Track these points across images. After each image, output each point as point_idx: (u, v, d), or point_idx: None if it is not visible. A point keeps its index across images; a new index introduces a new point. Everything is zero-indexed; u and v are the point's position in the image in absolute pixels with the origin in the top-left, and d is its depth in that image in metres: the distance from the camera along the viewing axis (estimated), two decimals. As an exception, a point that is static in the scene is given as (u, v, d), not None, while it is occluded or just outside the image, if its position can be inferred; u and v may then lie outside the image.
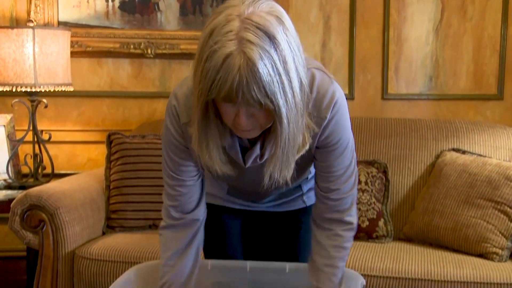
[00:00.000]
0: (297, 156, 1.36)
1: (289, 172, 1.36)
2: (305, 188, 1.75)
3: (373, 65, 3.33)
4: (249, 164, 1.47)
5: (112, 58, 3.39)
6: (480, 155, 2.87)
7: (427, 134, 3.03)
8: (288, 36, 1.22)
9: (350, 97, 3.33)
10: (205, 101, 1.25)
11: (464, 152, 2.91)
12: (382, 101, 3.34)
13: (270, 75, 1.19)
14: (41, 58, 2.95)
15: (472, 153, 2.90)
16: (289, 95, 1.23)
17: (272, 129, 1.31)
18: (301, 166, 1.50)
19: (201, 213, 1.60)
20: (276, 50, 1.19)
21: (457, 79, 3.30)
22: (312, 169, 1.67)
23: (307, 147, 1.38)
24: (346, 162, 1.50)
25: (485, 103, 3.31)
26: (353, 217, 1.56)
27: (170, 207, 1.58)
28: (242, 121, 1.26)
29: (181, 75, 3.33)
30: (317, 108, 1.41)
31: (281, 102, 1.22)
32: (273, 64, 1.19)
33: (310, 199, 1.75)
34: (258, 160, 1.45)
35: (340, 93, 1.44)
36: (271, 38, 1.19)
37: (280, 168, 1.34)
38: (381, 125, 3.10)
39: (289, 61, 1.21)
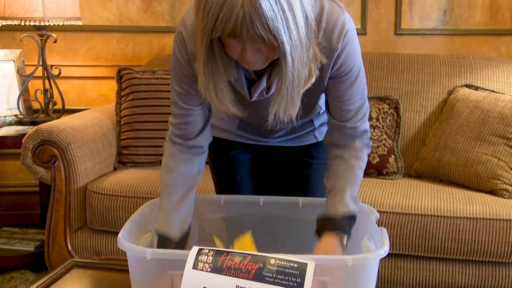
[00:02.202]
0: (303, 90, 1.35)
1: (294, 111, 1.35)
2: (317, 123, 1.74)
3: (387, -1, 3.27)
4: (255, 97, 1.46)
5: (121, -8, 3.34)
6: (493, 91, 2.84)
7: (440, 70, 3.00)
8: None
9: (362, 32, 3.27)
10: (209, 39, 1.24)
11: (477, 88, 2.88)
12: (395, 36, 3.29)
13: (273, 10, 1.16)
14: (49, -9, 2.91)
15: (485, 89, 2.87)
16: (294, 31, 1.21)
17: (277, 63, 1.30)
18: (311, 100, 1.50)
19: (205, 140, 1.59)
20: None
21: (472, 12, 3.23)
22: (322, 104, 1.66)
23: (313, 80, 1.37)
24: (359, 90, 1.50)
25: (499, 38, 3.25)
26: (367, 140, 1.57)
27: (175, 135, 1.57)
28: (248, 56, 1.25)
29: (191, 9, 3.28)
30: (328, 39, 1.39)
31: (285, 38, 1.20)
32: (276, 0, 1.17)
33: (322, 134, 1.74)
34: (264, 93, 1.45)
35: (350, 22, 1.42)
36: None
37: (285, 106, 1.33)
38: (394, 60, 3.07)
39: None
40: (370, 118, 2.78)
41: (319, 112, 1.71)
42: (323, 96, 1.60)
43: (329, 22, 1.38)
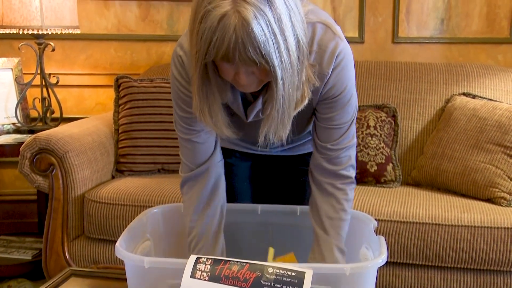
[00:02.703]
0: (294, 112, 1.36)
1: (284, 133, 1.36)
2: None
3: (384, 7, 3.27)
4: (251, 118, 1.48)
5: (119, 0, 3.34)
6: (491, 100, 2.85)
7: (437, 78, 3.00)
8: None
9: (360, 40, 3.28)
10: (203, 63, 1.25)
11: (474, 96, 2.89)
12: (392, 44, 3.30)
13: (264, 34, 1.17)
14: (48, 0, 2.91)
15: (482, 98, 2.87)
16: (285, 55, 1.22)
17: (270, 87, 1.30)
18: (301, 122, 1.51)
19: (218, 159, 1.61)
20: (270, 8, 1.18)
21: (469, 21, 3.24)
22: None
23: (305, 102, 1.38)
24: (347, 116, 1.50)
25: (496, 46, 3.26)
26: (350, 172, 1.57)
27: (186, 163, 1.59)
28: (242, 79, 1.27)
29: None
30: (319, 63, 1.40)
31: (276, 62, 1.21)
32: (268, 24, 1.18)
33: None
34: (260, 114, 1.46)
35: (343, 47, 1.42)
36: None
37: (275, 128, 1.34)
38: (391, 68, 3.07)
39: (284, 19, 1.20)
40: (368, 126, 2.79)
41: None
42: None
43: (321, 46, 1.39)
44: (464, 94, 2.92)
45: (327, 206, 1.55)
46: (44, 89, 3.13)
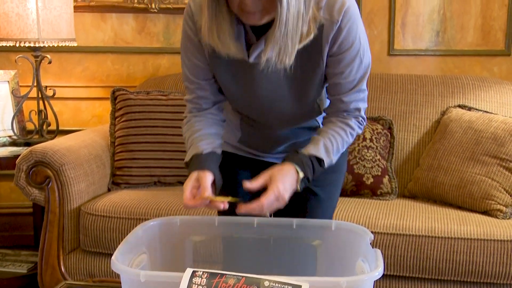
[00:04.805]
0: (299, 44, 1.43)
1: (289, 60, 1.44)
2: None
3: (380, 19, 3.29)
4: (253, 58, 1.52)
5: (115, 13, 3.35)
6: (486, 112, 2.86)
7: (433, 90, 3.01)
8: None
9: (356, 52, 3.29)
10: None
11: (470, 108, 2.89)
12: (388, 56, 3.31)
13: None
14: (45, 13, 2.92)
15: (478, 110, 2.88)
16: None
17: (273, 11, 1.39)
18: (308, 86, 1.58)
19: (220, 112, 1.72)
20: None
21: (465, 33, 3.25)
22: (320, 119, 1.72)
23: (311, 37, 1.45)
24: (358, 69, 1.57)
25: (492, 59, 3.27)
26: (361, 120, 1.65)
27: (190, 111, 1.70)
28: (248, 5, 1.37)
29: (185, 31, 3.30)
30: (329, 11, 1.47)
31: None
32: None
33: None
34: (262, 55, 1.49)
35: (351, 3, 1.50)
36: None
37: (278, 51, 1.42)
38: (387, 81, 3.08)
39: None
40: (364, 139, 2.79)
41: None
42: (323, 97, 1.67)
43: (329, 1, 1.47)
44: (459, 106, 2.92)
45: (329, 126, 1.63)
46: (41, 102, 3.13)
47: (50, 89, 3.17)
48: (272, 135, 1.73)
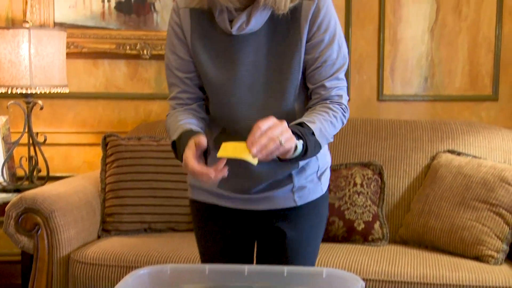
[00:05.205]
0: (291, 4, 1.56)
1: (284, 6, 1.54)
2: (296, 181, 1.74)
3: (369, 65, 3.33)
4: (235, 29, 1.59)
5: (108, 59, 3.39)
6: (475, 157, 2.87)
7: (422, 136, 3.03)
8: None
9: (345, 98, 3.32)
10: None
11: (459, 153, 2.91)
12: (377, 102, 3.34)
13: None
14: (37, 59, 2.94)
15: (467, 155, 2.90)
16: None
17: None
18: (286, 71, 1.62)
19: (201, 109, 1.75)
20: None
21: (452, 78, 3.30)
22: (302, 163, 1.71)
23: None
24: (336, 54, 1.63)
25: (480, 104, 3.31)
26: (344, 108, 1.66)
27: (173, 107, 1.74)
28: None
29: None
30: None
31: None
32: None
33: (301, 198, 1.75)
34: (244, 25, 1.57)
35: None
36: None
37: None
38: (377, 126, 3.10)
39: None
40: (355, 184, 2.80)
41: (298, 166, 1.71)
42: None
43: None
44: (449, 151, 2.94)
45: (311, 111, 1.64)
46: (31, 148, 3.13)
47: (41, 135, 3.17)
48: (252, 168, 1.71)
